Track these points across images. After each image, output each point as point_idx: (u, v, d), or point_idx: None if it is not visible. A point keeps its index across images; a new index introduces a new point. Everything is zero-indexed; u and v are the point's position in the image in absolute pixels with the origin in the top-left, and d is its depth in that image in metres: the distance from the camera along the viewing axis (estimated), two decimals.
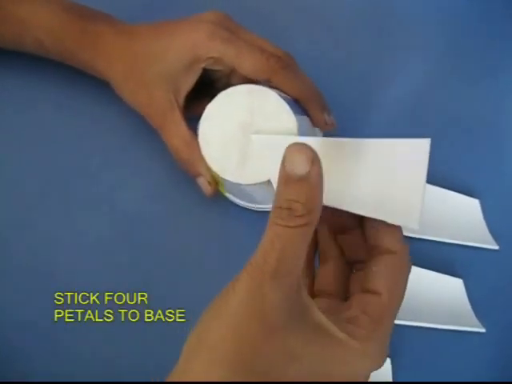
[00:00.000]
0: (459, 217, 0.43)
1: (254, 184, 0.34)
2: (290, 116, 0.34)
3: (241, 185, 0.34)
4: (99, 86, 0.41)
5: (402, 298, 0.26)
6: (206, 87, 0.39)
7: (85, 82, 0.43)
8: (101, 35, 0.38)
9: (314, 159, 0.22)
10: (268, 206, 0.41)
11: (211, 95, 0.35)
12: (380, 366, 0.26)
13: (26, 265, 0.41)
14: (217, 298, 0.23)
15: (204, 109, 0.35)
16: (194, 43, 0.35)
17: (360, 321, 0.25)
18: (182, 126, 0.37)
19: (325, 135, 0.39)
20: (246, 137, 0.34)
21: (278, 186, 0.23)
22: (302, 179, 0.22)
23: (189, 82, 0.37)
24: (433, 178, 0.43)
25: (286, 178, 0.22)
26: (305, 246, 0.23)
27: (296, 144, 0.22)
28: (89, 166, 0.43)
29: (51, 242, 0.41)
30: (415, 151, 0.25)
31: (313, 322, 0.24)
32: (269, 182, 0.33)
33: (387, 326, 0.26)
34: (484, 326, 0.38)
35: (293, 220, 0.22)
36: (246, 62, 0.35)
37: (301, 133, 0.34)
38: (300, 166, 0.22)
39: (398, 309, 0.26)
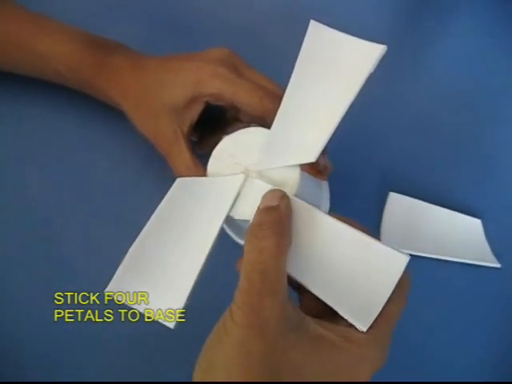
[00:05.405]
0: (462, 236, 0.44)
1: (244, 220, 0.33)
2: None
3: (235, 219, 0.33)
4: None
5: (403, 301, 0.27)
6: (219, 123, 0.41)
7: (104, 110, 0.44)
8: (116, 67, 0.40)
9: (283, 196, 0.28)
10: None
11: (224, 131, 0.37)
12: (380, 367, 0.26)
13: (27, 265, 0.41)
14: (216, 327, 0.25)
15: (217, 144, 0.36)
16: (197, 80, 0.37)
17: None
18: (186, 153, 0.38)
19: None
20: (248, 177, 0.33)
21: (253, 218, 0.27)
22: (272, 208, 0.27)
23: (192, 114, 0.38)
24: (436, 199, 0.44)
25: (260, 209, 0.28)
26: (283, 260, 0.25)
27: (271, 190, 0.29)
28: (97, 184, 0.44)
29: (51, 242, 0.41)
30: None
31: (310, 333, 0.25)
32: None
33: (385, 328, 0.26)
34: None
35: (263, 234, 0.26)
36: (242, 100, 0.36)
37: (303, 177, 0.33)
38: (271, 201, 0.28)
39: (399, 311, 0.27)
